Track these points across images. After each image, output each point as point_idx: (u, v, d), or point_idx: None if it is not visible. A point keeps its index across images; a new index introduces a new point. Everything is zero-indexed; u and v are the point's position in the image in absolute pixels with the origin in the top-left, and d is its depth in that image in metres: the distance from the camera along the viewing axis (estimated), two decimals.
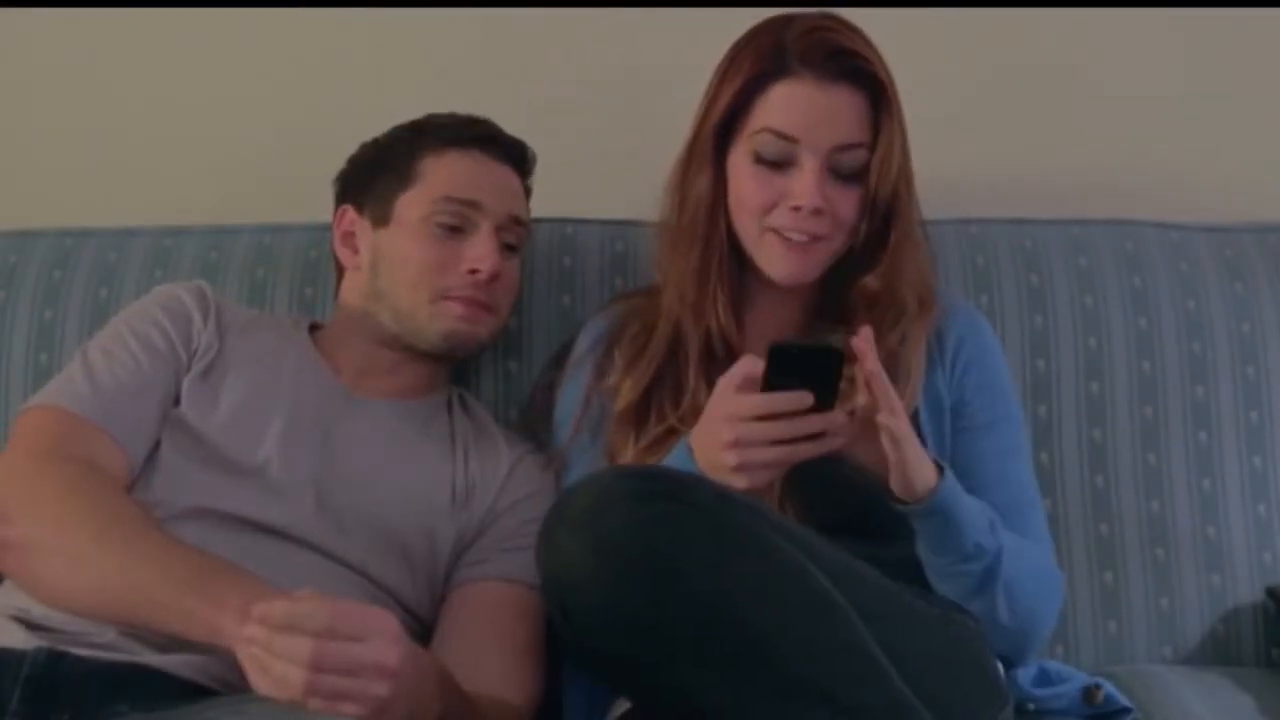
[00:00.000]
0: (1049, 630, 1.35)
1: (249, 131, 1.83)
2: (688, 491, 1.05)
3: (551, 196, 1.59)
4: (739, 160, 1.35)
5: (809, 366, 1.13)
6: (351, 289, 1.50)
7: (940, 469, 1.21)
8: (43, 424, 1.31)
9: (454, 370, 1.56)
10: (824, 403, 1.14)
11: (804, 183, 1.31)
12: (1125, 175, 1.81)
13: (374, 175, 1.50)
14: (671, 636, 1.02)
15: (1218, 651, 1.54)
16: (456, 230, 1.45)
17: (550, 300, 1.63)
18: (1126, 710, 1.33)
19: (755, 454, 1.14)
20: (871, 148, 1.32)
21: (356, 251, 1.49)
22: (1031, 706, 1.33)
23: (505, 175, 1.50)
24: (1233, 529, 1.56)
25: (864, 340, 1.16)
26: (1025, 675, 1.35)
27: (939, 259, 1.60)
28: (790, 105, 1.32)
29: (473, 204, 1.45)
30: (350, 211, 1.51)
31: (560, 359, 1.51)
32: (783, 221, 1.33)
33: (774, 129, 1.32)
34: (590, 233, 1.67)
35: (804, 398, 1.13)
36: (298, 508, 1.32)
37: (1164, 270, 1.63)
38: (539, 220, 1.62)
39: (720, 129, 1.36)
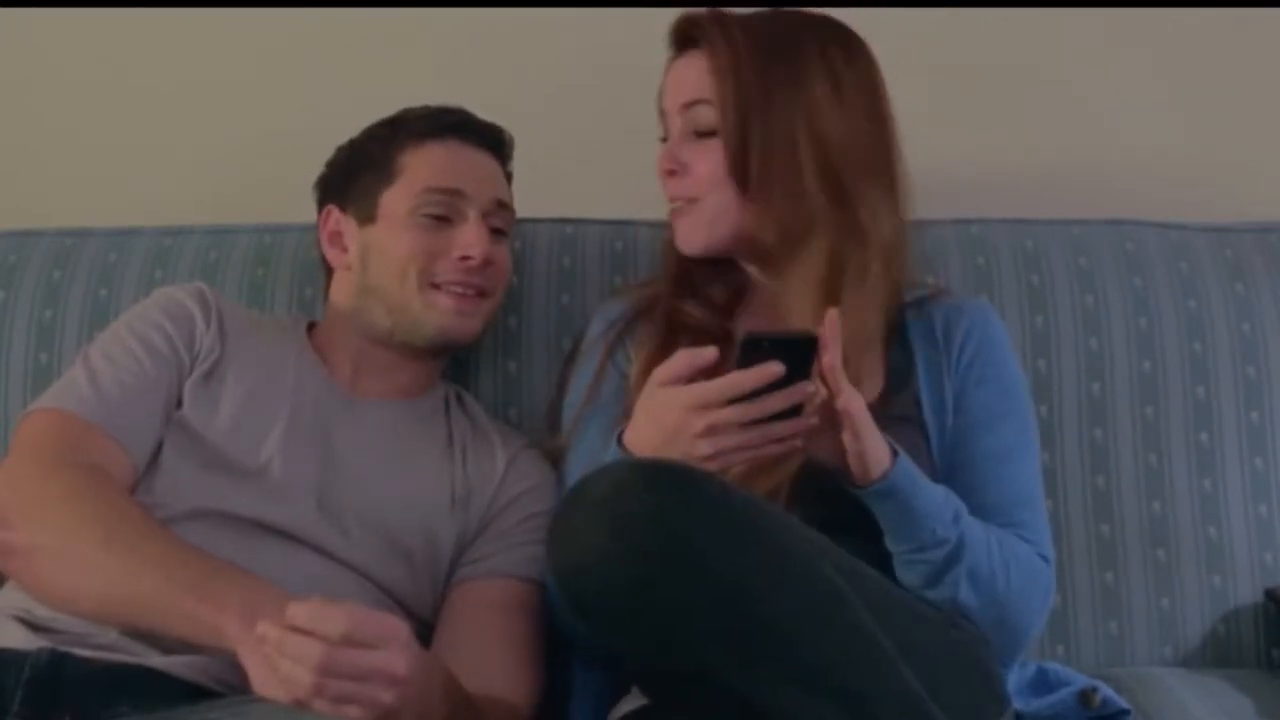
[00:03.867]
0: (1033, 629, 1.32)
1: (249, 132, 1.83)
2: (700, 483, 1.05)
3: (551, 196, 1.59)
4: None
5: (783, 357, 1.11)
6: (341, 289, 1.50)
7: (895, 452, 1.20)
8: (46, 428, 1.31)
9: (453, 369, 1.56)
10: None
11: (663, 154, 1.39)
12: (1125, 175, 1.82)
13: (354, 174, 1.50)
14: (688, 620, 1.02)
15: (1218, 652, 1.54)
16: (444, 220, 1.45)
17: (550, 300, 1.62)
18: (1125, 712, 1.32)
19: (729, 439, 1.13)
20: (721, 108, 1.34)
21: (345, 250, 1.49)
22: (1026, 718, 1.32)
23: (485, 161, 1.50)
24: (1234, 530, 1.56)
25: (830, 327, 1.15)
26: (1022, 679, 1.34)
27: (939, 259, 1.60)
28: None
29: (456, 192, 1.45)
30: (335, 211, 1.50)
31: (574, 352, 1.51)
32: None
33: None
34: (590, 233, 1.67)
35: (774, 368, 1.10)
36: (300, 509, 1.32)
37: (1164, 270, 1.63)
38: (539, 220, 1.62)
39: None
